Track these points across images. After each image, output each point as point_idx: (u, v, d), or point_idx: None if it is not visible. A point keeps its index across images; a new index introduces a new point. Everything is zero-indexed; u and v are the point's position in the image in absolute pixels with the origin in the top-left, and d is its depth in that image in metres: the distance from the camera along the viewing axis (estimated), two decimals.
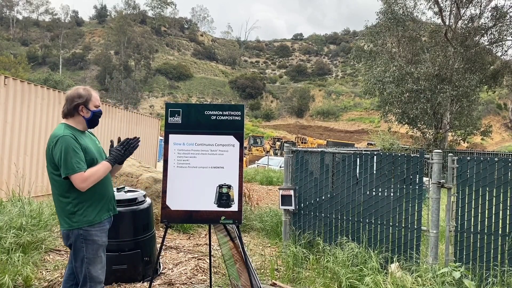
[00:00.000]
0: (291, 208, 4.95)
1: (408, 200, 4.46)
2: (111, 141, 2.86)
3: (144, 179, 6.27)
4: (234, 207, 3.26)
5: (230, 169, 3.29)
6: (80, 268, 2.60)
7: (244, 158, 13.43)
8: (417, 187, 4.44)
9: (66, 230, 2.60)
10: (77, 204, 2.59)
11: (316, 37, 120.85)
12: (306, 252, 4.58)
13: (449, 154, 4.32)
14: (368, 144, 34.87)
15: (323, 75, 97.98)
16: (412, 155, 4.54)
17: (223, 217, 3.26)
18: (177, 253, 5.19)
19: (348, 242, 4.51)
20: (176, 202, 3.24)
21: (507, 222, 4.05)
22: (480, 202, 4.15)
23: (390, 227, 4.53)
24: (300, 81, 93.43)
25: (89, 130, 2.87)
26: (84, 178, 2.51)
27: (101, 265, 2.66)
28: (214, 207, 3.25)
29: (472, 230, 4.15)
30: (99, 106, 2.80)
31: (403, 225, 4.46)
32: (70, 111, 2.69)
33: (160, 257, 4.73)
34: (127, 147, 2.76)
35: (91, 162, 2.62)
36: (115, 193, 3.39)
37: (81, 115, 2.70)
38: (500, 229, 4.06)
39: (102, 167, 2.63)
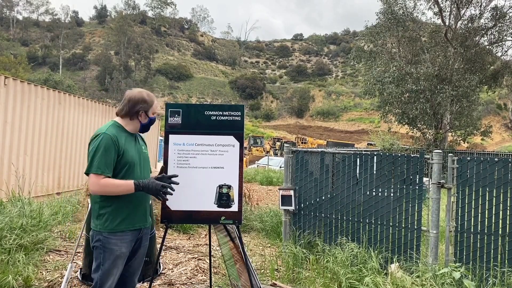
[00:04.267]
0: (291, 208, 4.95)
1: (408, 200, 4.46)
2: (163, 169, 2.81)
3: None
4: (234, 207, 3.25)
5: (230, 169, 3.29)
6: (95, 272, 2.53)
7: (244, 159, 13.43)
8: (417, 187, 4.44)
9: (92, 231, 2.55)
10: (103, 207, 2.51)
11: (316, 37, 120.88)
12: (306, 252, 4.58)
13: (449, 154, 4.32)
14: (368, 144, 34.88)
15: (323, 75, 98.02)
16: (412, 155, 4.55)
17: (223, 217, 3.25)
18: (177, 253, 5.19)
19: (348, 242, 4.51)
20: (176, 202, 3.23)
21: (507, 222, 4.05)
22: (480, 202, 4.15)
23: (390, 227, 4.53)
24: (300, 81, 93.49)
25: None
26: (99, 182, 2.41)
27: (113, 276, 2.54)
28: (214, 207, 3.25)
29: (472, 230, 4.15)
30: (156, 113, 2.80)
31: (403, 225, 4.46)
32: (131, 113, 2.65)
33: (160, 257, 4.73)
34: (162, 189, 2.59)
35: (124, 166, 2.54)
36: None
37: (138, 119, 2.68)
38: (500, 229, 4.06)
39: (122, 186, 2.48)
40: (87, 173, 2.46)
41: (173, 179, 2.79)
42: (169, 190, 2.65)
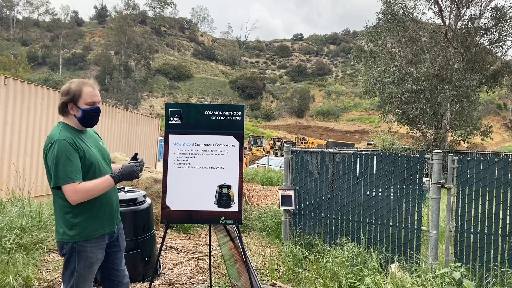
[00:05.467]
0: (291, 208, 4.95)
1: (408, 200, 4.46)
2: (136, 154, 2.61)
3: (144, 179, 6.27)
4: (234, 207, 3.26)
5: (230, 169, 3.29)
6: (69, 278, 2.38)
7: (244, 158, 13.43)
8: (417, 187, 4.44)
9: (60, 241, 2.37)
10: (78, 215, 2.34)
11: (316, 37, 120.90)
12: (306, 252, 4.58)
13: (449, 154, 4.32)
14: (368, 144, 34.88)
15: (323, 75, 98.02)
16: (412, 155, 4.54)
17: (223, 217, 3.26)
18: (177, 253, 5.19)
19: (348, 242, 4.51)
20: (176, 202, 3.24)
21: (507, 222, 4.05)
22: (480, 202, 4.15)
23: (390, 227, 4.53)
24: (300, 81, 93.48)
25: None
26: (77, 190, 2.23)
27: (90, 281, 2.45)
28: (214, 207, 3.25)
29: (472, 230, 4.15)
30: (96, 102, 2.45)
31: (403, 225, 4.46)
32: (60, 109, 2.42)
33: (160, 257, 4.73)
34: (137, 168, 2.49)
35: (90, 167, 2.37)
36: None
37: (71, 114, 2.41)
38: (500, 229, 4.06)
39: (103, 183, 2.34)
40: (56, 186, 2.26)
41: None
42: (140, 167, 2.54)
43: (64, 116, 2.45)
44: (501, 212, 4.08)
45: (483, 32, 21.34)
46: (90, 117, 2.44)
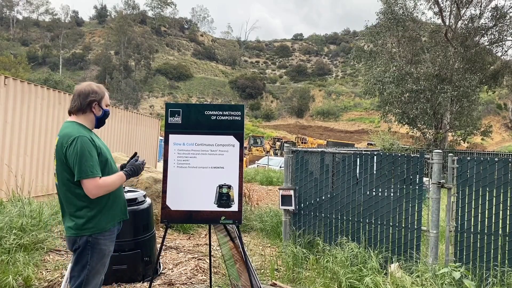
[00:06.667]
0: (291, 208, 4.95)
1: (408, 200, 4.47)
2: (136, 153, 2.80)
3: (144, 179, 6.27)
4: (234, 207, 3.26)
5: (230, 169, 3.29)
6: (79, 273, 2.44)
7: (244, 158, 13.42)
8: (417, 187, 4.44)
9: (74, 236, 2.44)
10: (94, 208, 2.45)
11: (316, 37, 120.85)
12: (306, 252, 4.58)
13: (449, 154, 4.32)
14: (368, 144, 34.88)
15: (323, 75, 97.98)
16: (412, 155, 4.55)
17: (223, 217, 3.26)
18: (177, 253, 5.19)
19: (348, 242, 4.51)
20: (176, 202, 3.24)
21: (507, 222, 4.05)
22: (480, 202, 4.15)
23: (390, 227, 4.53)
24: (300, 81, 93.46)
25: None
26: (98, 185, 2.38)
27: (100, 275, 2.54)
28: (214, 207, 3.25)
29: (472, 230, 4.15)
30: (109, 106, 2.72)
31: (403, 225, 4.46)
32: (84, 107, 2.54)
33: (160, 257, 4.73)
34: (143, 166, 2.73)
35: (105, 162, 2.52)
36: None
37: (93, 112, 2.58)
38: (500, 229, 4.06)
39: (119, 179, 2.53)
40: (79, 180, 2.36)
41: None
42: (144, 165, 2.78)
43: (78, 115, 2.56)
44: (501, 212, 4.08)
45: (483, 32, 21.35)
46: (106, 117, 2.69)
